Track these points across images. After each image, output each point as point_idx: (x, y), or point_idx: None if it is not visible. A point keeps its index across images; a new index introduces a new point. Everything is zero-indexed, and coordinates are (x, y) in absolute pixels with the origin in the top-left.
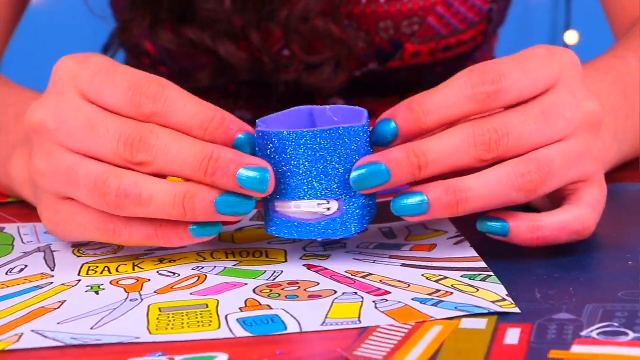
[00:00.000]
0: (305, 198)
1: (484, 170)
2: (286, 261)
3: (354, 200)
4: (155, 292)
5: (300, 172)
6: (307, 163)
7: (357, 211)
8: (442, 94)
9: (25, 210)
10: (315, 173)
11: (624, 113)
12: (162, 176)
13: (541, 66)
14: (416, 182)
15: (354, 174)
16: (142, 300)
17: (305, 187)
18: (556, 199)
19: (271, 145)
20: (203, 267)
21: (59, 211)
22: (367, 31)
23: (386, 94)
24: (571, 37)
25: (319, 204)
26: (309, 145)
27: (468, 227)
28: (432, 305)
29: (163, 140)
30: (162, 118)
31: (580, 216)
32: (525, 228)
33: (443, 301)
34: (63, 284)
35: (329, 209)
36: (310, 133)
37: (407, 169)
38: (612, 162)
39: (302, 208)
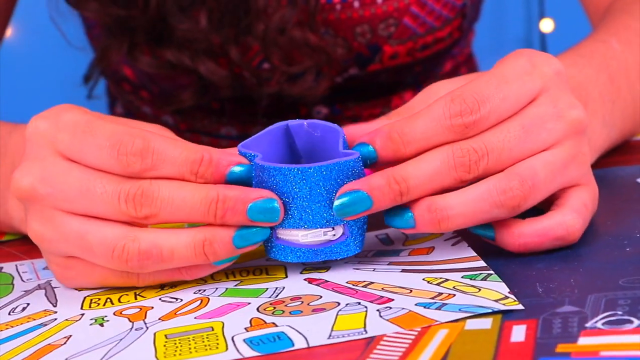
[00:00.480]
0: (310, 227)
1: (467, 186)
2: (286, 277)
3: (356, 221)
4: (159, 319)
5: (304, 203)
6: (309, 195)
7: (359, 230)
8: (421, 124)
9: (23, 247)
10: (318, 204)
11: (610, 98)
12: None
13: (522, 84)
14: None
15: (336, 202)
16: (147, 328)
17: (310, 217)
18: (545, 203)
19: (272, 179)
20: (205, 290)
21: (72, 267)
22: (344, 37)
23: (369, 98)
24: (546, 25)
25: (324, 232)
26: (311, 180)
27: None
28: (436, 308)
29: (165, 190)
30: (153, 172)
31: (563, 222)
32: (508, 235)
33: (446, 304)
34: (67, 319)
35: (334, 235)
36: (312, 169)
37: (388, 196)
38: (602, 148)
39: (309, 238)
